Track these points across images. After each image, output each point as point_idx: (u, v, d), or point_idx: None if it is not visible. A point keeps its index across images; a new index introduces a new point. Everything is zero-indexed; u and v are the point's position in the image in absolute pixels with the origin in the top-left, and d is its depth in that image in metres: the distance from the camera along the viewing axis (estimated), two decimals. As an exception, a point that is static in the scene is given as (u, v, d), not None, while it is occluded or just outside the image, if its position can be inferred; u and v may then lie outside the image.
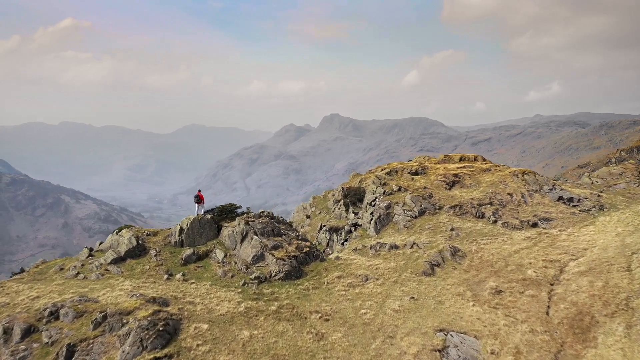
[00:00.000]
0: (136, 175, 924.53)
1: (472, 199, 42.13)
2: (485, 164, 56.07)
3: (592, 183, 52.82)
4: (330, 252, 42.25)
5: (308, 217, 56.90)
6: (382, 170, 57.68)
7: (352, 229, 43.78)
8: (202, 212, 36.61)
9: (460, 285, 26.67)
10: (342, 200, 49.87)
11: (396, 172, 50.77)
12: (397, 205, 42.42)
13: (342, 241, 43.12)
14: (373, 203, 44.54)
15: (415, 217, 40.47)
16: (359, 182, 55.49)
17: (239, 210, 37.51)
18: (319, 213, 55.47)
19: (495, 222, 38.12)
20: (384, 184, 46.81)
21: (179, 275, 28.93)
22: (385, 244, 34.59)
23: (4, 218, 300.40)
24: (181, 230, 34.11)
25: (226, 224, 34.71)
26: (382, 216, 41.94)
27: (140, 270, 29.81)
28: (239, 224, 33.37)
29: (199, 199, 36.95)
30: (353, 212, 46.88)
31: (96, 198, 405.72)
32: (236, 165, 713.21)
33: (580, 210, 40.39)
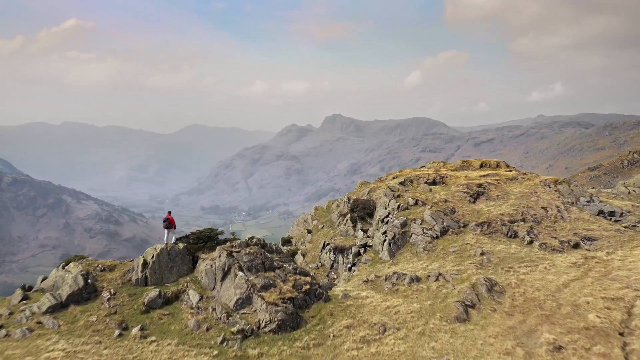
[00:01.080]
0: (138, 175, 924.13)
1: (501, 214, 36.71)
2: (511, 171, 50.41)
3: (629, 192, 47.84)
4: (335, 277, 37.48)
5: (309, 232, 51.49)
6: (394, 178, 51.73)
7: (362, 250, 37.95)
8: (172, 240, 29.21)
9: (505, 337, 20.72)
10: (349, 215, 44.09)
11: (411, 181, 45.03)
12: (415, 223, 36.35)
13: (349, 265, 37.41)
14: (386, 219, 38.59)
15: (437, 237, 34.67)
16: (368, 192, 49.40)
17: (221, 237, 29.93)
18: (322, 227, 49.76)
19: (530, 242, 33.00)
20: (398, 196, 40.78)
21: (135, 330, 21.94)
22: (404, 274, 28.57)
23: (5, 218, 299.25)
24: (145, 264, 26.49)
25: (204, 256, 27.48)
26: (397, 236, 35.80)
27: (85, 322, 22.56)
28: (220, 256, 25.84)
29: (169, 223, 29.06)
30: (362, 230, 40.85)
31: (97, 198, 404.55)
32: (238, 165, 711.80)
33: (625, 227, 35.58)
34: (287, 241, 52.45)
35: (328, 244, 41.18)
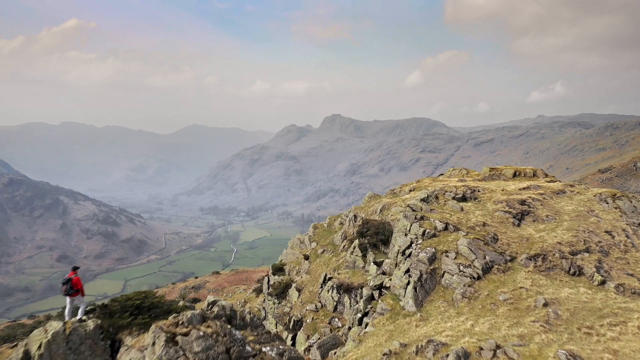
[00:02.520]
0: (137, 176, 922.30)
1: (558, 243, 27.69)
2: (553, 181, 41.68)
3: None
4: (340, 326, 29.92)
5: (306, 258, 42.69)
6: (411, 191, 41.80)
7: (376, 294, 28.58)
8: (80, 314, 17.36)
9: None
10: (357, 241, 34.96)
11: (436, 197, 35.16)
12: (447, 257, 27.10)
13: (359, 315, 28.21)
14: (407, 251, 29.18)
15: (478, 277, 25.48)
16: (380, 211, 39.65)
17: (163, 306, 18.23)
18: (322, 252, 41.42)
19: (603, 283, 24.60)
20: (422, 218, 31.18)
21: None
22: (444, 344, 18.88)
23: (1, 219, 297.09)
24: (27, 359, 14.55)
25: (130, 340, 15.84)
26: (425, 276, 26.45)
27: None
28: (154, 343, 13.83)
29: (71, 287, 17.73)
30: (375, 263, 31.59)
31: (95, 199, 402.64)
32: (237, 165, 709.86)
33: None
34: (279, 269, 45.05)
35: (330, 278, 33.05)
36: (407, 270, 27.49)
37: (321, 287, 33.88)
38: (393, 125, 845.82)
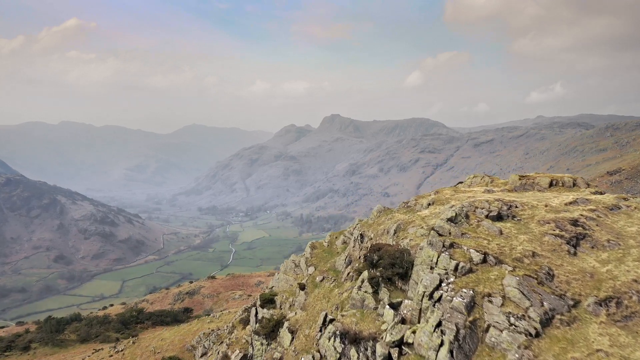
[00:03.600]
0: (136, 176, 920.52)
1: (635, 280, 20.73)
2: (600, 193, 34.28)
3: None
4: None
5: (302, 288, 34.85)
6: (430, 205, 33.43)
7: (395, 352, 21.04)
8: None
9: None
10: (367, 273, 26.88)
11: (466, 216, 27.08)
12: (491, 303, 19.95)
13: None
14: (436, 293, 21.48)
15: (537, 333, 18.41)
16: (394, 231, 30.43)
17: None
18: (322, 280, 34.13)
19: None
20: (451, 245, 23.64)
21: None
22: None
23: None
24: None
25: None
26: (463, 333, 19.30)
27: None
28: None
29: None
30: (391, 305, 23.67)
31: (93, 199, 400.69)
32: (236, 165, 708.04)
33: None
34: (268, 300, 37.38)
35: (332, 320, 25.71)
36: (439, 324, 20.10)
37: (320, 330, 26.41)
38: (392, 126, 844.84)
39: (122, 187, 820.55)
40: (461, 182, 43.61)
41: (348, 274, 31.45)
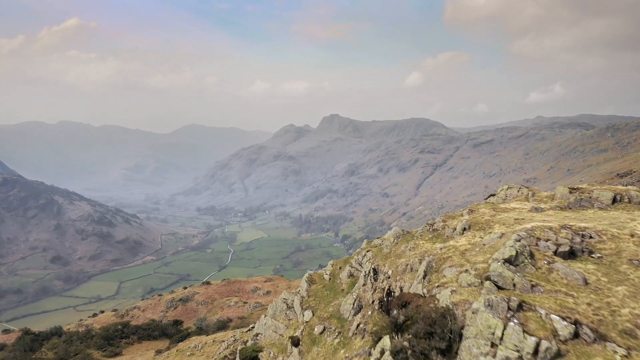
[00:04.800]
0: (135, 176, 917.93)
1: None
2: None
3: None
4: None
5: (296, 343, 26.60)
6: (466, 230, 24.18)
7: None
8: None
9: None
10: (388, 342, 17.20)
11: (530, 255, 17.68)
12: None
13: None
14: None
15: None
16: (424, 274, 20.04)
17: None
18: (322, 332, 25.86)
19: None
20: (519, 306, 14.29)
21: None
22: None
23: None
24: None
25: None
26: None
27: None
28: None
29: None
30: None
31: (90, 199, 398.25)
32: (235, 165, 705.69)
33: None
34: (250, 359, 28.94)
35: None
36: None
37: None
38: (392, 126, 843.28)
39: (121, 187, 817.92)
40: (493, 195, 34.61)
41: (358, 325, 23.02)
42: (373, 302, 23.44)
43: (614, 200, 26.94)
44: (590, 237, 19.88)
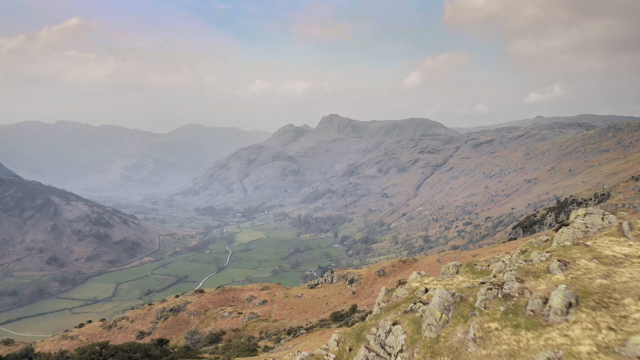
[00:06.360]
0: (133, 175, 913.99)
1: None
2: None
3: None
4: None
5: None
6: (586, 326, 9.10)
7: None
8: None
9: None
10: None
11: None
12: None
13: None
14: None
15: None
16: None
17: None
18: None
19: None
20: None
21: None
22: None
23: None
24: None
25: None
26: None
27: None
28: None
29: None
30: None
31: (88, 199, 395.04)
32: (233, 165, 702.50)
33: None
34: None
35: None
36: None
37: None
38: (391, 126, 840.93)
39: (119, 187, 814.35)
40: (565, 225, 16.76)
41: None
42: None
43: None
44: None
